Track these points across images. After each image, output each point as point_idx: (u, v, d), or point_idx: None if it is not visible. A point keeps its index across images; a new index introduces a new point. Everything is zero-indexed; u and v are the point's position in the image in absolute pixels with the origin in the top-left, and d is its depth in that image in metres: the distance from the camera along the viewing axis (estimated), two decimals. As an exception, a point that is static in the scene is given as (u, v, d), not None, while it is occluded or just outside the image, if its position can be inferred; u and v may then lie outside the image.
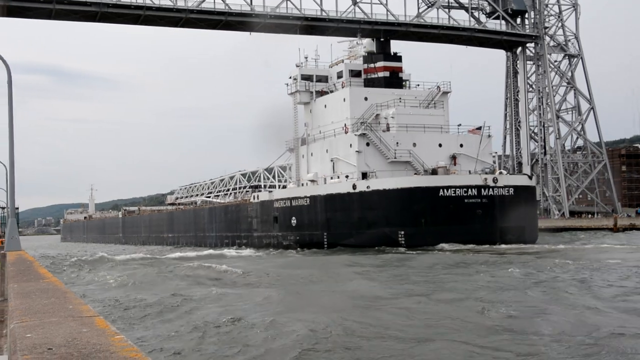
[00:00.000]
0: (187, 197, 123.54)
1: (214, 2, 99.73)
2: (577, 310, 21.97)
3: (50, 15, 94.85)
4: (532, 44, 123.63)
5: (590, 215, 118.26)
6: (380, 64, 72.99)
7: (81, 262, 56.05)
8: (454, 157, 67.70)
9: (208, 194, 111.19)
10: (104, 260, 58.18)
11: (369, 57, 73.64)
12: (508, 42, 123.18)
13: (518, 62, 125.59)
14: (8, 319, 7.97)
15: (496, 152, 71.10)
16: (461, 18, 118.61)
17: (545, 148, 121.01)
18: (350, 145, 68.01)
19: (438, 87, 71.62)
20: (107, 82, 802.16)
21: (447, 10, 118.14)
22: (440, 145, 68.11)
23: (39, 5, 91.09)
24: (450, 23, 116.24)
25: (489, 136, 69.68)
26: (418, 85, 74.87)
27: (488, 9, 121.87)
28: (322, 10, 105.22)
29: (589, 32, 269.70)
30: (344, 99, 71.64)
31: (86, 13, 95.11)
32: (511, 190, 62.10)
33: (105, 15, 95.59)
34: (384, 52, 73.98)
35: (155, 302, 26.80)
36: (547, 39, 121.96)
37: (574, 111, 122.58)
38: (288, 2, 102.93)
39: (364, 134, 67.02)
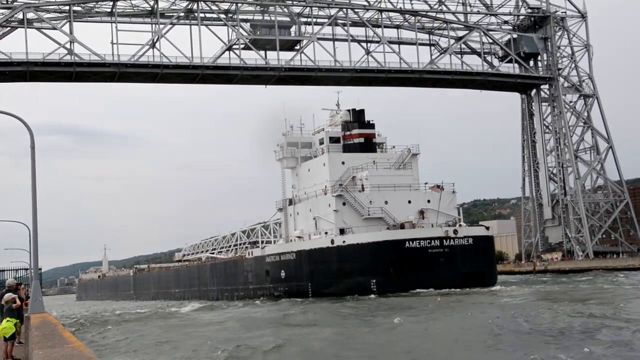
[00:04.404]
0: (193, 253, 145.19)
1: (229, 57, 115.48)
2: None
3: (71, 78, 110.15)
4: (547, 86, 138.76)
5: (615, 256, 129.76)
6: (355, 131, 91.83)
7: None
8: (422, 212, 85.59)
9: (212, 250, 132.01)
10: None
11: (346, 126, 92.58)
12: (522, 85, 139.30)
13: (533, 104, 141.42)
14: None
15: (461, 205, 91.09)
16: (474, 63, 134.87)
17: (565, 189, 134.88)
18: (329, 205, 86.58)
19: (409, 149, 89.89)
20: (124, 138, 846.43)
21: (459, 56, 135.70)
22: (409, 201, 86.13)
23: (61, 69, 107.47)
24: (464, 68, 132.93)
25: (453, 192, 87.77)
26: (394, 147, 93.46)
27: (500, 53, 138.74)
28: (335, 60, 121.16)
29: (602, 71, 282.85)
30: (324, 164, 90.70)
31: (105, 74, 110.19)
32: (470, 240, 79.91)
33: (124, 75, 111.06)
34: (359, 120, 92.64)
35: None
36: (561, 80, 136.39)
37: (592, 151, 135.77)
38: (302, 54, 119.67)
39: (341, 194, 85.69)
